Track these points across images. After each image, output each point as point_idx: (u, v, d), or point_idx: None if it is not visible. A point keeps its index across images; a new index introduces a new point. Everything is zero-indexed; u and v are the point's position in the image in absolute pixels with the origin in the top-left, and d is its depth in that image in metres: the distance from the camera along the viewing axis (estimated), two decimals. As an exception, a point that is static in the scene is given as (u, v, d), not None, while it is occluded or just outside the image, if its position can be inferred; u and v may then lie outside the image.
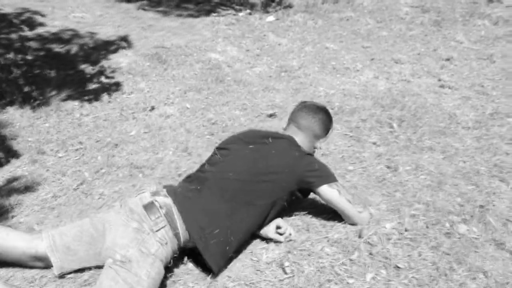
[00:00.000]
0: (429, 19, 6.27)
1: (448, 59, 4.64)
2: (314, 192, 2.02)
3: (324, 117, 2.17)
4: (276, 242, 2.00)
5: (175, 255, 1.81)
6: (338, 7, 6.86)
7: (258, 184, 1.90)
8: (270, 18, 6.23)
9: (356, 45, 5.18)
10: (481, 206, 2.23)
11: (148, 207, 1.77)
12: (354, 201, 2.07)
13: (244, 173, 1.92)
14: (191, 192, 1.88)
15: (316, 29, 5.81)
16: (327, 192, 1.98)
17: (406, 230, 2.04)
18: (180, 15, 6.36)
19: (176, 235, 1.76)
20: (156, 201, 1.79)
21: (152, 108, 3.41)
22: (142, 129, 3.10)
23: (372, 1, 7.17)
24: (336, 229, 2.05)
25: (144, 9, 6.61)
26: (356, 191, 2.37)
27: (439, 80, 4.09)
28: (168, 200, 1.82)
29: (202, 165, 2.09)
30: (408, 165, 2.63)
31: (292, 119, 2.18)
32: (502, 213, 2.18)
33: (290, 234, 2.01)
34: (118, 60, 4.44)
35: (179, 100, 3.56)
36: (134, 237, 1.69)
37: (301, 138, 2.10)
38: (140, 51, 4.69)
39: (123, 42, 4.99)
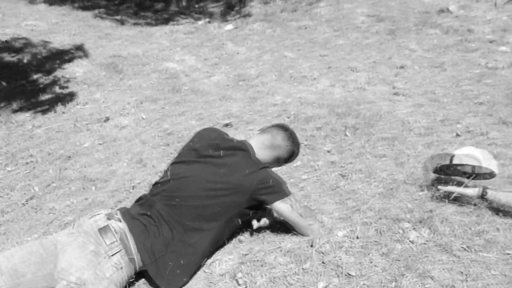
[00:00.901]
0: (384, 28, 6.43)
1: (402, 67, 4.77)
2: (267, 206, 2.04)
3: (295, 152, 2.19)
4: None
5: (130, 280, 1.79)
6: (296, 16, 6.94)
7: (206, 209, 1.90)
8: (229, 26, 6.25)
9: (314, 54, 5.25)
10: (431, 212, 2.29)
11: (103, 231, 1.75)
12: (306, 214, 2.09)
13: (191, 198, 1.91)
14: (142, 217, 1.88)
15: (275, 38, 5.86)
16: (280, 208, 1.99)
17: (357, 238, 2.08)
18: (138, 24, 6.30)
19: (131, 260, 1.76)
20: (111, 225, 1.78)
21: (107, 119, 3.36)
22: (96, 141, 3.04)
23: (330, 10, 7.29)
24: (289, 239, 2.07)
25: (101, 17, 6.51)
26: (309, 201, 2.39)
27: (393, 87, 4.20)
28: (122, 225, 1.81)
29: (155, 184, 2.07)
30: (361, 172, 2.68)
31: (269, 132, 2.15)
32: (449, 218, 2.25)
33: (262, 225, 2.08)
34: (73, 69, 4.35)
35: (135, 111, 3.52)
36: (91, 259, 1.67)
37: (264, 152, 2.09)
38: (96, 60, 4.61)
39: (79, 51, 4.90)
